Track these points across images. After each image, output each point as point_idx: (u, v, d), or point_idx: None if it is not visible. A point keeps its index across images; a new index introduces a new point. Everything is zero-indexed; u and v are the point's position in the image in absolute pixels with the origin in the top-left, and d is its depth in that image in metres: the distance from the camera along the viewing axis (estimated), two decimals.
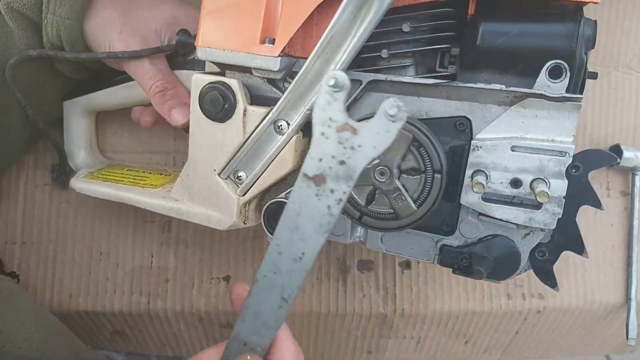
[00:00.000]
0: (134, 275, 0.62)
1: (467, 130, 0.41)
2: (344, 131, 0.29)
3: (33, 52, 0.49)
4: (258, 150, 0.44)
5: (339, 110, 0.29)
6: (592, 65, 0.59)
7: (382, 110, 0.28)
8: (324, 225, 0.31)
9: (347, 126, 0.29)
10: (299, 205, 0.31)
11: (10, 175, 0.61)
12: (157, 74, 0.50)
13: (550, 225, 0.40)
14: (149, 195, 0.51)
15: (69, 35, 0.48)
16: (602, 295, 0.61)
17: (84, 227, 0.62)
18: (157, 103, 0.50)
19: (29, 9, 0.47)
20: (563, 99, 0.38)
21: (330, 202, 0.30)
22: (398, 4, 0.41)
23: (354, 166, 0.29)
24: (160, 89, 0.50)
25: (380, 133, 0.28)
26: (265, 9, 0.41)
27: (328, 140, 0.29)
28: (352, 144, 0.29)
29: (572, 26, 0.38)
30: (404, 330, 0.66)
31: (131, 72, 0.51)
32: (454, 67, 0.42)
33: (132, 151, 0.62)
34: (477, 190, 0.40)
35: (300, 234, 0.31)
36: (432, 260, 0.45)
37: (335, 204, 0.30)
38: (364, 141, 0.29)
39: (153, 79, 0.50)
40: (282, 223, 0.31)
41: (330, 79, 0.28)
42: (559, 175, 0.39)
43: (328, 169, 0.29)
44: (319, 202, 0.30)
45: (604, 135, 0.60)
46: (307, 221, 0.31)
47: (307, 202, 0.30)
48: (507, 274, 0.43)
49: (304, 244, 0.31)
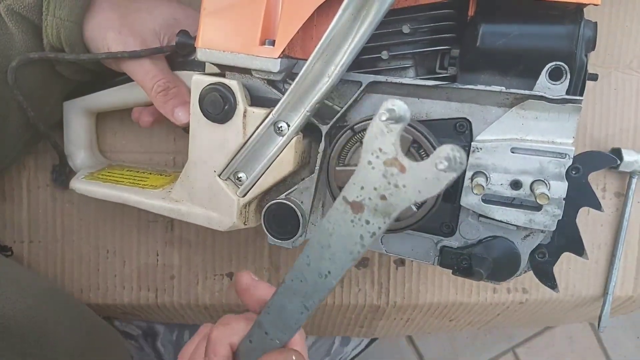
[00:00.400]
0: (140, 272, 0.63)
1: (467, 131, 0.41)
2: (391, 166, 0.27)
3: (34, 55, 0.49)
4: (258, 151, 0.44)
5: (391, 143, 0.26)
6: (593, 67, 0.58)
7: (437, 155, 0.25)
8: (354, 253, 0.30)
9: (396, 162, 0.27)
10: (333, 226, 0.30)
11: (12, 176, 0.61)
12: (158, 74, 0.50)
13: (550, 226, 0.40)
14: (149, 196, 0.51)
15: (69, 37, 0.48)
16: (583, 288, 0.63)
17: (89, 227, 0.63)
18: (160, 102, 0.50)
19: (29, 11, 0.47)
20: (563, 101, 0.38)
21: (363, 233, 0.29)
22: (398, 5, 0.41)
23: (395, 205, 0.28)
24: (163, 87, 0.50)
25: (429, 180, 0.26)
26: (265, 10, 0.41)
27: (374, 170, 0.27)
28: (397, 182, 0.27)
29: (573, 28, 0.38)
30: (394, 315, 0.68)
31: (131, 73, 0.50)
32: (454, 68, 0.42)
33: (132, 151, 0.62)
34: (477, 191, 0.40)
35: (330, 253, 0.31)
36: (432, 262, 0.45)
37: (368, 236, 0.29)
38: (409, 182, 0.27)
39: (155, 79, 0.50)
40: (316, 238, 0.31)
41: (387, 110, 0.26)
42: (559, 176, 0.39)
43: (368, 199, 0.28)
44: (352, 228, 0.29)
45: (604, 136, 0.60)
46: (338, 243, 0.30)
47: (341, 225, 0.30)
48: (507, 275, 0.43)
49: (331, 263, 0.31)
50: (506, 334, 1.23)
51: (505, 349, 1.24)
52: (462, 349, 1.23)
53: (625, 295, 0.63)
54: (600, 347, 1.24)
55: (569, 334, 1.23)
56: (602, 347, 1.24)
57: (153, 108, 0.52)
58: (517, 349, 1.23)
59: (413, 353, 1.22)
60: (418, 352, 1.22)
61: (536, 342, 1.23)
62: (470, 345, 1.23)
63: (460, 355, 1.23)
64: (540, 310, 0.67)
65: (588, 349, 1.24)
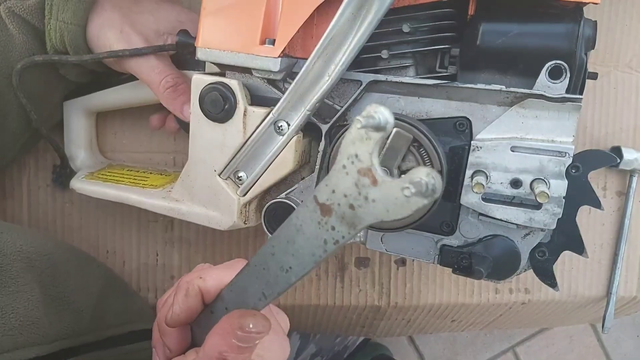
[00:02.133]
0: (140, 272, 0.63)
1: (467, 130, 0.41)
2: (364, 176, 0.25)
3: (39, 58, 0.48)
4: (258, 150, 0.44)
5: (368, 152, 0.24)
6: (592, 65, 0.58)
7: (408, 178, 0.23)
8: (315, 256, 0.29)
9: (369, 172, 0.25)
10: (301, 223, 0.29)
11: (12, 176, 0.61)
12: (165, 69, 0.49)
13: (550, 225, 0.40)
14: (149, 196, 0.51)
15: (73, 40, 0.48)
16: (585, 289, 0.63)
17: (89, 227, 0.63)
18: (168, 99, 0.49)
19: (31, 13, 0.47)
20: (563, 100, 0.38)
21: (327, 238, 0.28)
22: (398, 4, 0.41)
23: (360, 218, 0.26)
24: (172, 83, 0.49)
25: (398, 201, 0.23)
26: (265, 10, 0.41)
27: (347, 176, 0.26)
28: (368, 194, 0.25)
29: (572, 26, 0.38)
30: (396, 316, 0.68)
31: (135, 71, 0.50)
32: (454, 67, 0.42)
33: (132, 151, 0.62)
34: (477, 190, 0.40)
35: (294, 249, 0.29)
36: (432, 261, 0.45)
37: (332, 243, 0.28)
38: (379, 198, 0.25)
39: (162, 74, 0.49)
40: (283, 229, 0.30)
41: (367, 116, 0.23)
42: (559, 175, 0.39)
43: (337, 204, 0.26)
44: (318, 230, 0.28)
45: (604, 135, 0.60)
46: (302, 241, 0.29)
47: (308, 224, 0.28)
48: (507, 274, 0.43)
49: (294, 259, 0.30)
50: (506, 334, 1.24)
51: (505, 348, 1.24)
52: (463, 349, 1.23)
53: (629, 295, 0.63)
54: (601, 347, 1.24)
55: (569, 333, 1.24)
56: (602, 346, 1.24)
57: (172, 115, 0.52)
58: (517, 348, 1.24)
59: (413, 352, 1.22)
60: (418, 351, 1.22)
61: (536, 342, 1.24)
62: (471, 345, 1.23)
63: (460, 354, 1.23)
64: (543, 311, 0.67)
65: (588, 348, 1.24)
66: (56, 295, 0.46)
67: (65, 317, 0.46)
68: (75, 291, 0.48)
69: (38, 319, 0.42)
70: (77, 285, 0.49)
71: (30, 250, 0.45)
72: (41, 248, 0.47)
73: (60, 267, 0.48)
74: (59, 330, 0.44)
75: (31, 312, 0.42)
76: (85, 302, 0.49)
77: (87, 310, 0.48)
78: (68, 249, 0.52)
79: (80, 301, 0.48)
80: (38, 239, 0.48)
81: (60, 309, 0.46)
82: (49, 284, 0.46)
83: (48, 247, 0.48)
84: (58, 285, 0.47)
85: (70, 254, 0.52)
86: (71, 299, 0.47)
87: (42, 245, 0.47)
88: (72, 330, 0.46)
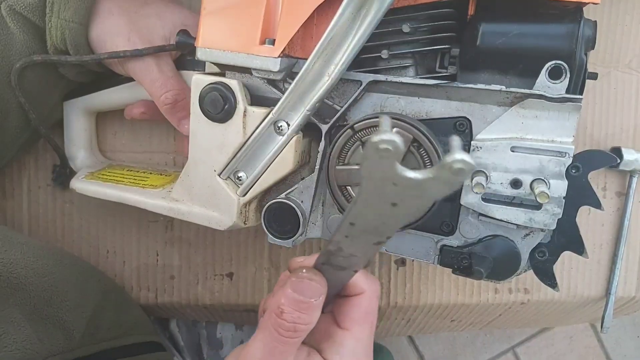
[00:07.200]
0: (140, 272, 0.63)
1: (467, 130, 0.41)
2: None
3: (38, 58, 0.48)
4: (258, 150, 0.44)
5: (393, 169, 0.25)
6: (592, 65, 0.58)
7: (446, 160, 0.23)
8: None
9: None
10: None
11: (12, 176, 0.61)
12: (166, 83, 0.49)
13: (550, 225, 0.40)
14: (149, 196, 0.51)
15: (74, 39, 0.47)
16: (584, 289, 0.63)
17: (89, 227, 0.63)
18: (167, 113, 0.51)
19: (31, 11, 0.47)
20: (563, 100, 0.38)
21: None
22: (398, 4, 0.41)
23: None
24: (171, 100, 0.49)
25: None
26: (265, 10, 0.41)
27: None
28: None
29: (572, 27, 0.38)
30: (395, 316, 0.68)
31: (138, 77, 0.50)
32: (454, 67, 0.42)
33: (132, 151, 0.62)
34: (477, 190, 0.40)
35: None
36: (432, 261, 0.45)
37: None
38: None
39: (163, 89, 0.49)
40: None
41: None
42: (559, 175, 0.39)
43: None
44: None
45: (604, 135, 0.60)
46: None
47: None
48: (507, 274, 0.43)
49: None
50: (506, 334, 1.23)
51: (505, 348, 1.24)
52: (462, 349, 1.23)
53: (628, 295, 0.63)
54: (601, 347, 1.24)
55: (569, 333, 1.23)
56: (602, 347, 1.24)
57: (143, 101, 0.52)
58: (517, 348, 1.23)
59: (413, 352, 1.22)
60: (418, 351, 1.22)
61: (536, 342, 1.24)
62: (470, 345, 1.23)
63: (460, 354, 1.23)
64: (542, 310, 0.67)
65: (588, 348, 1.24)
66: (49, 314, 0.46)
67: (56, 335, 0.46)
68: (70, 310, 0.48)
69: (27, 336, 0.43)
70: (74, 304, 0.49)
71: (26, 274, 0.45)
72: (41, 269, 0.47)
73: (60, 286, 0.48)
74: (50, 347, 0.45)
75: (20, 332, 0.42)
76: (80, 319, 0.49)
77: (79, 327, 0.48)
78: (69, 264, 0.52)
79: (74, 319, 0.48)
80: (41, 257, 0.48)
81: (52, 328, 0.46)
82: (43, 305, 0.46)
83: (49, 265, 0.48)
84: (53, 305, 0.47)
85: (70, 270, 0.51)
86: (65, 317, 0.47)
87: (43, 267, 0.47)
88: (62, 347, 0.46)
